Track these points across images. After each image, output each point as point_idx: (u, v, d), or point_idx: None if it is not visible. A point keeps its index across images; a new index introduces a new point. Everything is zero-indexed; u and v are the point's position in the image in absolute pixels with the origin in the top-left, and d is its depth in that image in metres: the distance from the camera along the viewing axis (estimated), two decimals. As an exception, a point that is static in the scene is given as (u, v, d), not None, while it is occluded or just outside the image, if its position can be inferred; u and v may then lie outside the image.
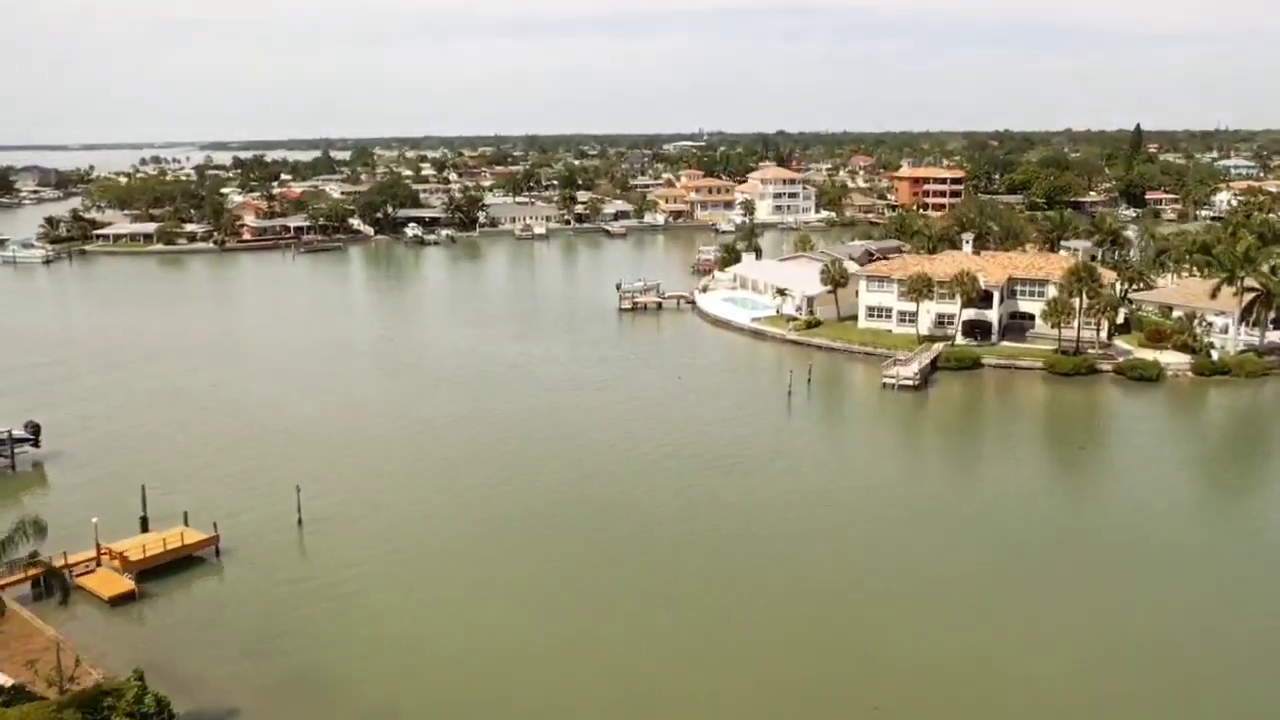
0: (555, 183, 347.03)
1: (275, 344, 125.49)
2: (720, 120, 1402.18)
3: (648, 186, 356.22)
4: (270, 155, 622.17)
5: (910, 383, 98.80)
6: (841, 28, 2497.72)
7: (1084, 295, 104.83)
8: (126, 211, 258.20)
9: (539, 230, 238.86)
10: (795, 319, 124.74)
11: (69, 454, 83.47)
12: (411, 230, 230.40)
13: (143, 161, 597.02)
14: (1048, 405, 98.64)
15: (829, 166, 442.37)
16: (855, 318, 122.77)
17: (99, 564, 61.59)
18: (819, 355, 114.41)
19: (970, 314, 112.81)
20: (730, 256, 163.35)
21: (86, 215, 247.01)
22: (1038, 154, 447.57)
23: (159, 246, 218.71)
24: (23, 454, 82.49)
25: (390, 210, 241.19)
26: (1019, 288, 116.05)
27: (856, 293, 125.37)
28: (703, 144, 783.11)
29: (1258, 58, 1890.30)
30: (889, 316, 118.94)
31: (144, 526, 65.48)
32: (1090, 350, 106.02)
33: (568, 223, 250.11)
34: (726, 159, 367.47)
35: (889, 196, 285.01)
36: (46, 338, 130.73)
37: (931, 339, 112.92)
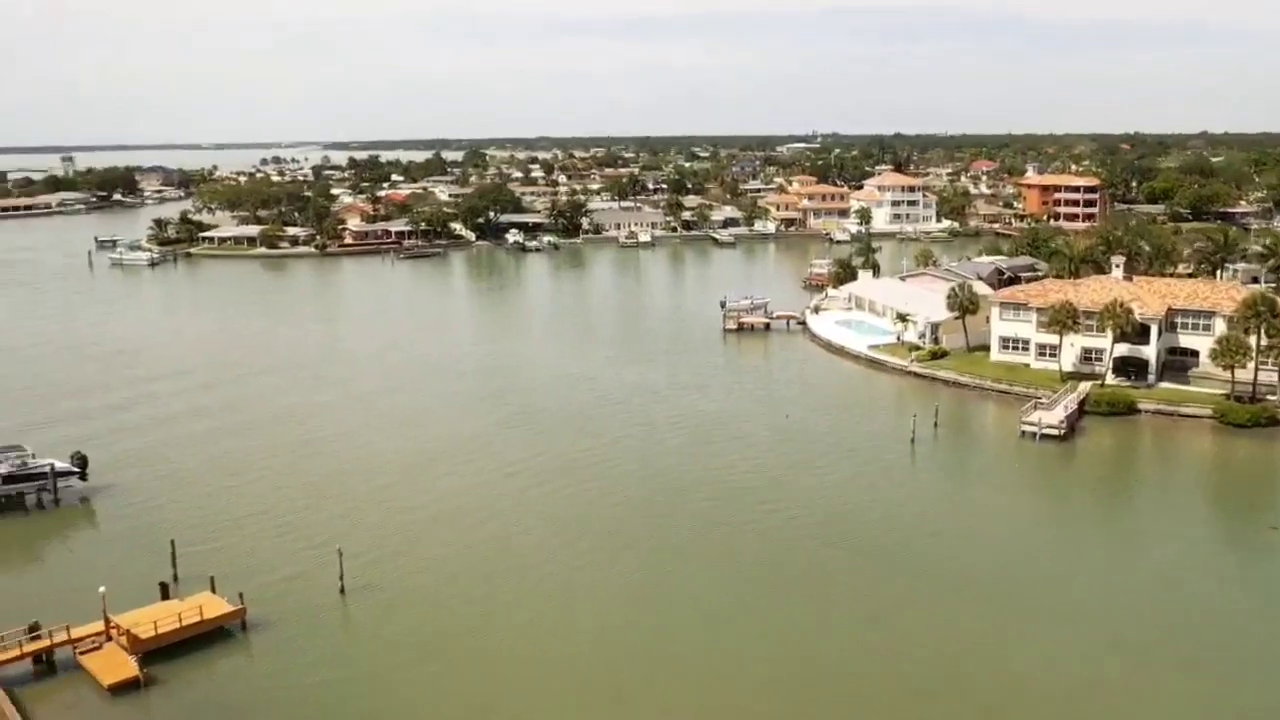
0: (664, 186, 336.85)
1: (363, 363, 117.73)
2: (834, 122, 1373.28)
3: (758, 192, 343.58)
4: (386, 156, 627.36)
5: (1054, 432, 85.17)
6: (958, 27, 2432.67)
7: (1263, 331, 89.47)
8: (234, 214, 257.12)
9: (644, 238, 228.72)
10: (918, 348, 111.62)
11: (119, 489, 76.46)
12: (512, 237, 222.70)
13: (263, 162, 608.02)
14: (1222, 465, 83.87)
15: (949, 171, 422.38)
16: (986, 348, 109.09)
17: (109, 638, 53.27)
18: (945, 392, 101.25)
19: (1123, 349, 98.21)
20: (845, 272, 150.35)
21: (195, 217, 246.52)
22: (1174, 159, 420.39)
23: (261, 250, 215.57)
24: (68, 488, 75.86)
25: (493, 215, 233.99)
26: (1180, 320, 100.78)
27: (987, 318, 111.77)
28: (816, 146, 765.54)
29: None
30: (1026, 349, 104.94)
31: (164, 593, 56.99)
32: (1270, 397, 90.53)
33: (674, 230, 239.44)
34: (841, 163, 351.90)
35: (1016, 205, 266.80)
36: (133, 351, 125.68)
37: (1077, 377, 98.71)
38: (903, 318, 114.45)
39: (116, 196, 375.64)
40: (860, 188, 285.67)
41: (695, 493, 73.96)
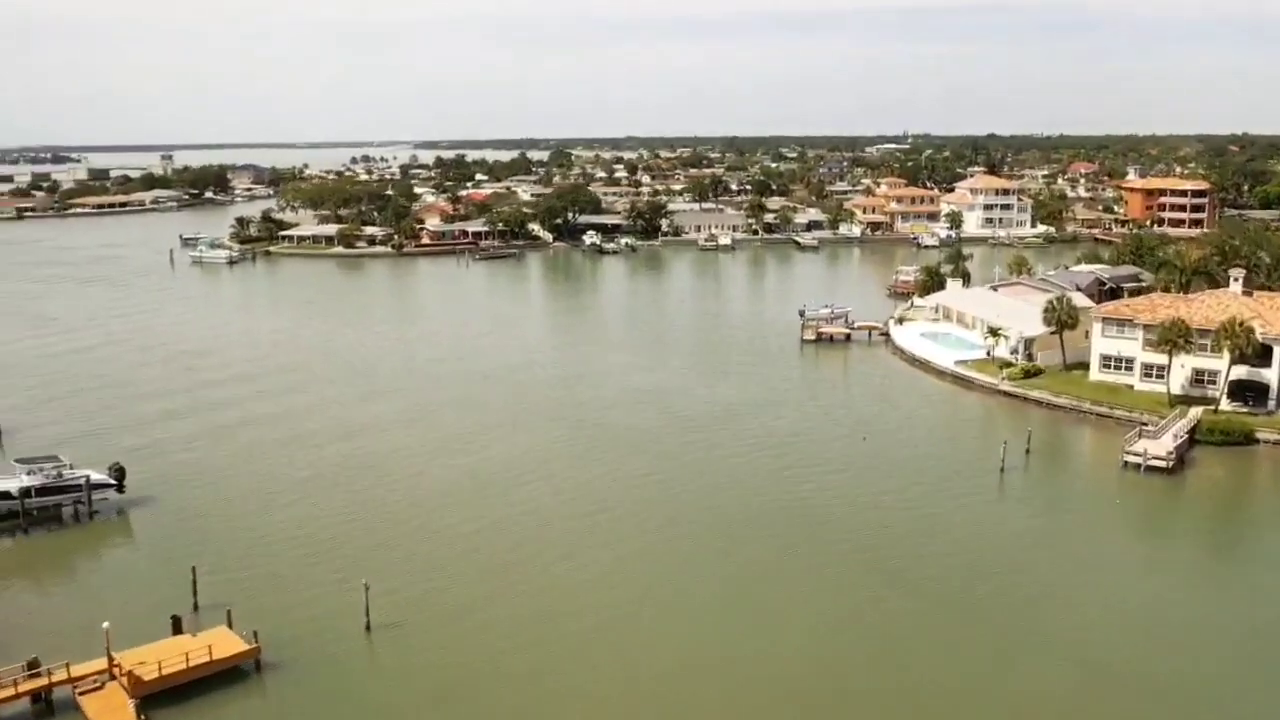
0: (748, 188, 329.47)
1: (425, 372, 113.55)
2: (926, 122, 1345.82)
3: (845, 193, 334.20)
4: (474, 155, 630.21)
5: (1161, 463, 76.79)
6: (1053, 25, 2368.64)
7: (1404, 357, 79.87)
8: (316, 212, 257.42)
9: (724, 240, 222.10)
10: (1009, 365, 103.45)
11: (156, 503, 73.16)
12: (589, 238, 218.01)
13: (353, 160, 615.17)
14: (1355, 505, 74.78)
15: (1045, 173, 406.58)
16: (1084, 366, 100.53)
17: (111, 677, 49.18)
18: (1038, 414, 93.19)
19: (1240, 372, 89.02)
20: (932, 280, 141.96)
21: (276, 216, 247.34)
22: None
23: (339, 249, 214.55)
24: (104, 500, 72.81)
25: (571, 216, 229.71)
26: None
27: (1087, 334, 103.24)
28: (906, 147, 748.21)
29: None
30: (1130, 369, 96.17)
31: (176, 627, 52.73)
32: None
33: (755, 233, 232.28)
34: (932, 165, 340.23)
35: (1117, 209, 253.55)
36: (198, 353, 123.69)
37: (1186, 401, 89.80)
38: (994, 332, 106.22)
39: (209, 194, 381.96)
40: (951, 190, 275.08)
41: (762, 524, 67.67)
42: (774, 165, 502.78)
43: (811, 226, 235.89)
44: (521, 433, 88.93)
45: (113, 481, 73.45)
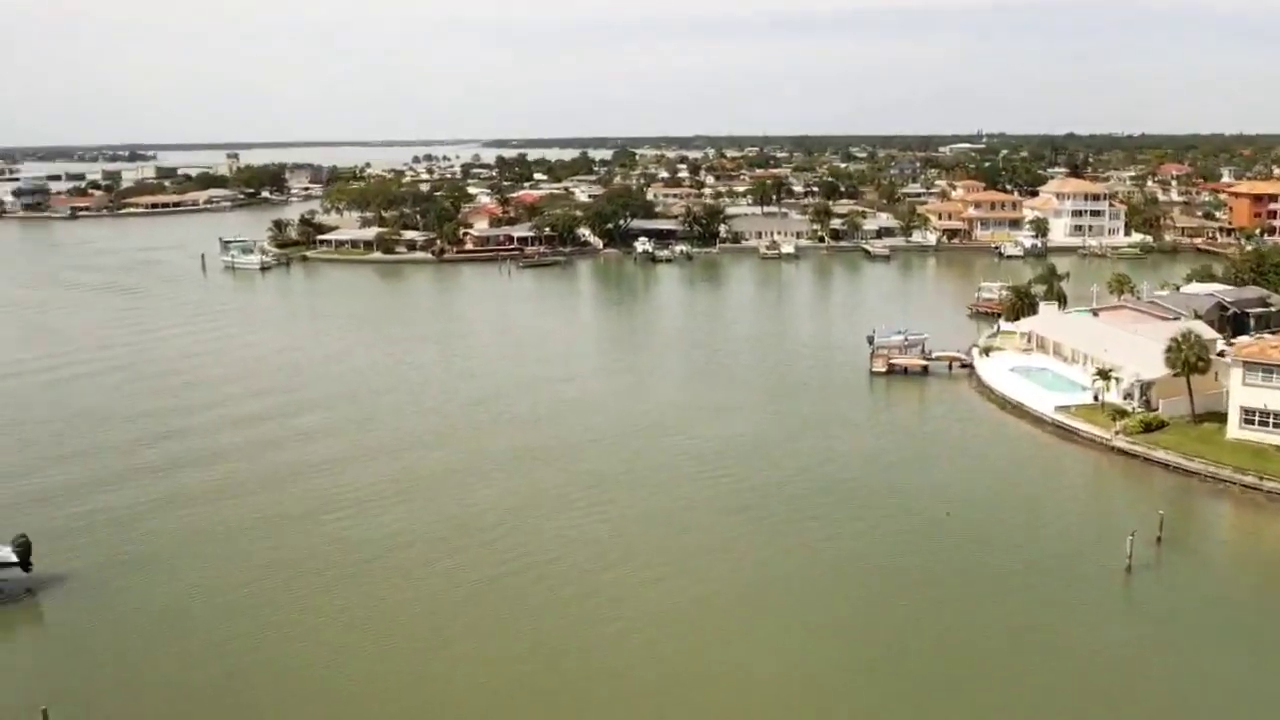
0: (815, 190, 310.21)
1: (430, 398, 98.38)
2: (1001, 121, 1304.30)
3: (918, 196, 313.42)
4: (538, 154, 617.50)
5: (1344, 566, 58.19)
6: (1128, 22, 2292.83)
7: None
8: (360, 214, 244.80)
9: (786, 249, 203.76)
10: (1124, 413, 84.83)
11: (67, 584, 58.71)
12: (641, 245, 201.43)
13: (415, 159, 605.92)
14: None
15: (1132, 175, 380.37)
16: (1218, 416, 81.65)
17: None
18: (1165, 481, 74.71)
19: None
20: (1022, 302, 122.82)
21: (320, 218, 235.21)
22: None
23: (377, 255, 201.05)
24: (6, 581, 58.63)
25: (624, 221, 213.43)
26: None
27: (1217, 375, 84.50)
28: (981, 146, 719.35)
29: None
30: (1280, 426, 77.27)
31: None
32: None
33: (821, 240, 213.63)
34: (1013, 167, 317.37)
35: (1219, 216, 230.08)
36: (189, 376, 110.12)
37: (1360, 472, 70.73)
38: (1105, 374, 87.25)
39: (265, 194, 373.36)
40: (1034, 194, 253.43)
41: (790, 636, 50.75)
42: (843, 165, 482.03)
43: (882, 233, 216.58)
44: (518, 479, 72.77)
45: (13, 560, 59.28)
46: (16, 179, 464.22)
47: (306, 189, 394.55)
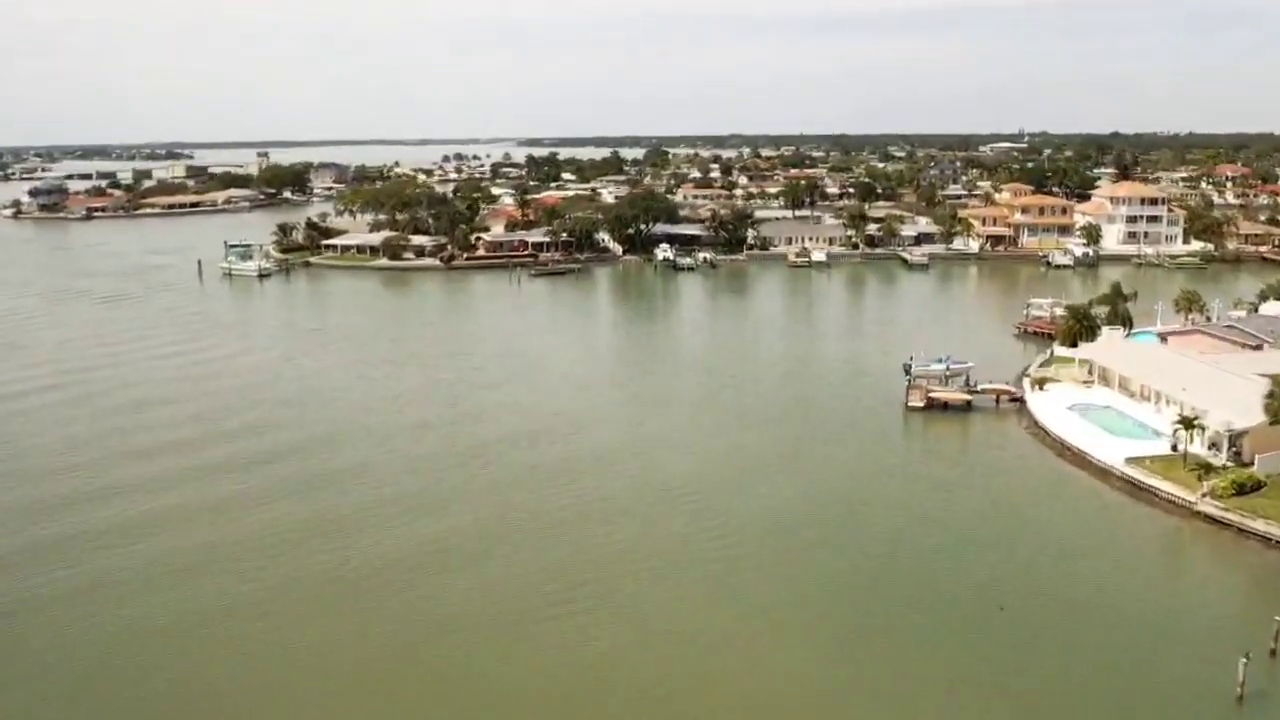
0: (851, 191, 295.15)
1: (396, 440, 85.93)
2: (1043, 119, 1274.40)
3: (959, 199, 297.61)
4: (571, 153, 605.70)
5: None
6: (1176, 19, 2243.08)
7: None
8: (373, 217, 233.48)
9: (817, 257, 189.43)
10: (1210, 467, 70.64)
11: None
12: (662, 252, 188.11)
13: (444, 159, 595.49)
14: None
15: (1183, 176, 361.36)
16: (1327, 476, 67.32)
17: None
18: (1266, 559, 60.70)
19: None
20: (1080, 324, 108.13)
21: (327, 222, 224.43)
22: None
23: (384, 261, 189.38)
24: None
25: (645, 226, 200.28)
26: None
27: (1320, 423, 70.13)
28: (1024, 145, 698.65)
29: None
30: None
31: None
32: None
33: (855, 247, 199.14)
34: (1062, 171, 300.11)
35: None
36: (141, 404, 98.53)
37: None
38: (1188, 423, 72.89)
39: (286, 194, 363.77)
40: (1083, 198, 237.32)
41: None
42: (881, 165, 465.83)
43: (921, 240, 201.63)
44: (471, 568, 59.93)
45: None
46: (42, 178, 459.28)
47: (330, 189, 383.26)
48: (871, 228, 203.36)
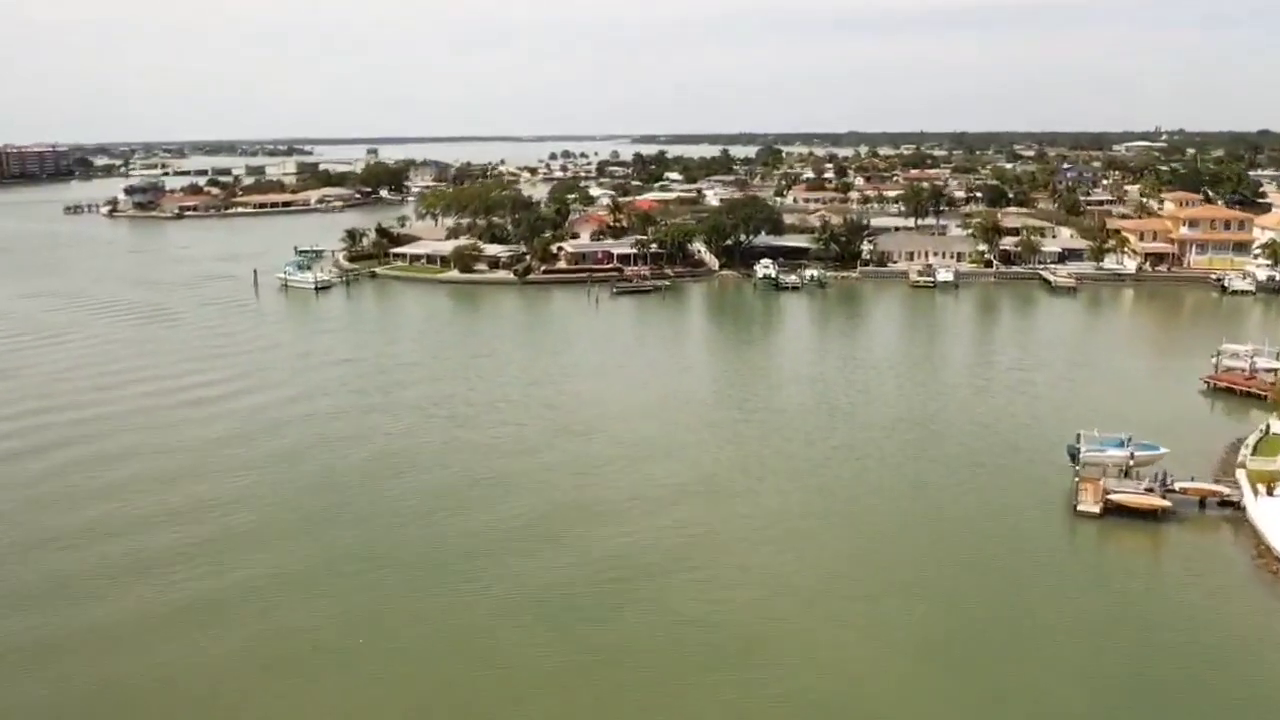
0: (977, 195, 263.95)
1: (422, 557, 64.15)
2: (1179, 116, 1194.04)
3: (1100, 205, 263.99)
4: (681, 150, 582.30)
5: None
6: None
7: None
8: (454, 221, 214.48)
9: (944, 275, 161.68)
10: None
11: None
12: (763, 269, 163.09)
13: (552, 156, 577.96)
14: None
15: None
16: None
17: None
18: None
19: None
20: (1307, 391, 79.93)
21: (405, 226, 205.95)
22: None
23: (454, 273, 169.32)
24: None
25: (746, 237, 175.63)
26: None
27: None
28: (1162, 145, 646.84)
29: None
30: None
31: None
32: None
33: (989, 264, 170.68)
34: (1228, 175, 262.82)
35: None
36: (123, 456, 79.08)
37: None
38: None
39: (383, 193, 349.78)
40: (1249, 206, 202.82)
41: None
42: (1008, 166, 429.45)
43: (1065, 256, 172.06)
44: None
45: None
46: (155, 174, 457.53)
47: (429, 188, 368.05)
48: (1007, 241, 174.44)
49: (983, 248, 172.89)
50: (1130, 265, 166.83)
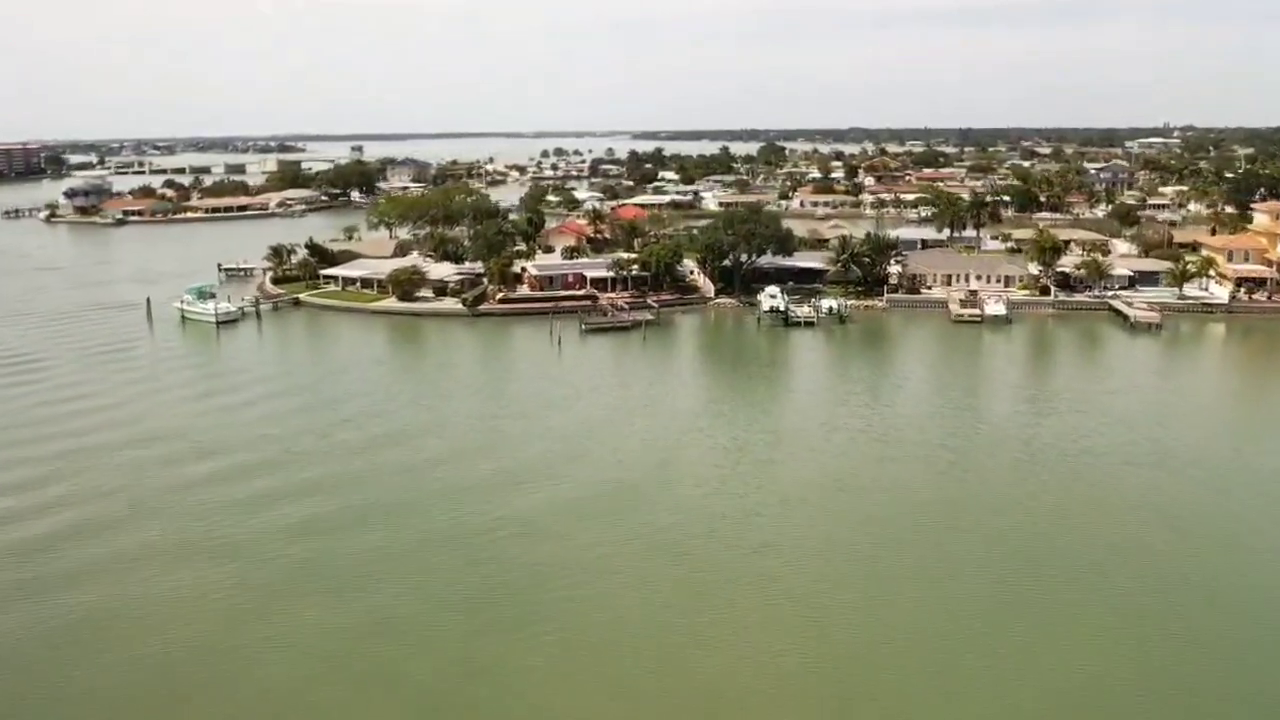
0: (1005, 199, 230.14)
1: None
2: (1187, 111, 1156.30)
3: (1145, 209, 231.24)
4: (679, 147, 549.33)
5: None
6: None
7: None
8: (412, 234, 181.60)
9: (993, 308, 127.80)
10: None
11: None
12: (769, 300, 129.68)
13: (544, 154, 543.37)
14: None
15: None
16: None
17: None
18: None
19: None
20: None
21: (353, 239, 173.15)
22: None
23: (392, 302, 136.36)
24: None
25: (748, 257, 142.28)
26: None
27: None
28: (1176, 142, 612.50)
29: None
30: None
31: None
32: None
33: (1045, 290, 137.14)
34: (1268, 178, 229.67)
35: None
36: None
37: None
38: None
39: (354, 195, 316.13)
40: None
41: None
42: (1026, 164, 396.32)
43: (1136, 281, 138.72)
44: None
45: None
46: (160, 171, 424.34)
47: (405, 189, 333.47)
48: (1067, 261, 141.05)
49: (1037, 270, 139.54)
50: (1221, 293, 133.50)
